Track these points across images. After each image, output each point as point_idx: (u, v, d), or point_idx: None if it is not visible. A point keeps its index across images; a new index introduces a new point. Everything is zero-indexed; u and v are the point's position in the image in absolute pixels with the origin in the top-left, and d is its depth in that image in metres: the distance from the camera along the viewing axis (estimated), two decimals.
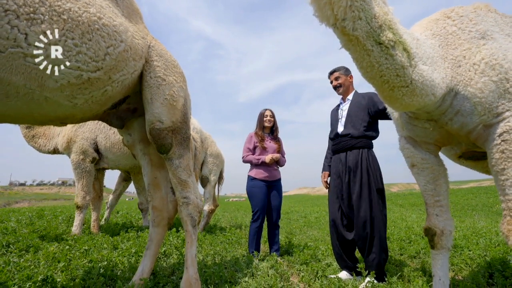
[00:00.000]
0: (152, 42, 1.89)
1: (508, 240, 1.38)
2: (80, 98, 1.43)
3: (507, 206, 1.39)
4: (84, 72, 1.36)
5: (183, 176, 1.87)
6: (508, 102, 1.38)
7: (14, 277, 1.93)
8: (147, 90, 1.77)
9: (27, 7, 1.15)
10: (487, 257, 2.89)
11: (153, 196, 2.02)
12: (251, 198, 3.31)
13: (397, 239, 4.05)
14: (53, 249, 2.71)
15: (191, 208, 1.89)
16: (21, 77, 1.20)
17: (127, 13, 1.73)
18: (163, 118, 1.77)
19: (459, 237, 4.09)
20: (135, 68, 1.69)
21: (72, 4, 1.29)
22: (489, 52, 1.42)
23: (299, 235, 4.98)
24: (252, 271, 2.39)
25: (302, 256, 2.95)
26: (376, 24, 1.16)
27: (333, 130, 2.76)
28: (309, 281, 2.30)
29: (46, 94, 1.30)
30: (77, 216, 3.74)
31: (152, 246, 1.98)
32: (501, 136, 1.37)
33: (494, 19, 1.63)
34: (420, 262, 2.96)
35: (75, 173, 3.75)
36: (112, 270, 2.21)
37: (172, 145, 1.80)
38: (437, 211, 1.71)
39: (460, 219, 7.80)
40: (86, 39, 1.33)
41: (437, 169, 1.72)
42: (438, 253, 1.70)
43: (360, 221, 2.37)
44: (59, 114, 1.48)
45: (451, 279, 2.42)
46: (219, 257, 2.97)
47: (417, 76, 1.28)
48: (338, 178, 2.61)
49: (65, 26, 1.25)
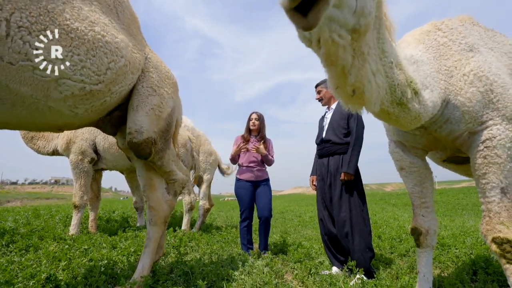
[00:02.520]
0: (149, 54, 1.99)
1: (486, 239, 1.49)
2: (81, 108, 1.52)
3: (487, 207, 1.50)
4: (87, 85, 1.44)
5: (167, 169, 2.10)
6: (491, 112, 1.49)
7: (18, 275, 2.00)
8: (135, 97, 1.86)
9: (39, 25, 1.23)
10: (472, 255, 3.03)
11: (149, 196, 2.11)
12: (238, 199, 3.45)
13: (388, 237, 4.17)
14: (53, 249, 2.77)
15: (177, 185, 2.22)
16: (29, 88, 1.28)
17: (127, 25, 1.81)
18: (144, 128, 1.84)
19: (448, 236, 4.23)
20: (132, 80, 1.79)
21: (79, 24, 1.38)
22: (477, 64, 1.51)
23: (294, 234, 5.08)
24: (248, 269, 2.49)
25: (296, 255, 3.05)
26: (399, 92, 1.25)
27: (319, 136, 3.00)
28: (302, 278, 2.40)
29: (50, 104, 1.38)
30: (75, 216, 3.79)
31: (150, 244, 2.07)
32: (484, 143, 1.48)
33: (479, 33, 1.75)
34: (410, 260, 3.08)
35: (73, 173, 3.80)
36: (112, 268, 2.29)
37: (151, 153, 1.92)
38: (423, 212, 1.82)
39: (450, 218, 8.00)
40: (90, 55, 1.42)
41: (424, 173, 1.83)
42: (423, 251, 1.81)
43: (341, 220, 2.58)
44: (59, 123, 1.56)
45: (437, 276, 2.56)
46: (216, 255, 3.05)
47: (423, 108, 1.37)
48: (322, 181, 2.85)
49: (72, 43, 1.34)
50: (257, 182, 3.48)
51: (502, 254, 1.41)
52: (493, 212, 1.45)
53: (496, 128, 1.44)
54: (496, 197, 1.45)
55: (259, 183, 3.49)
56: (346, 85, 1.01)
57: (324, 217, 2.78)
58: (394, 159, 1.93)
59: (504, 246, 1.40)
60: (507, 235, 1.40)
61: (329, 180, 2.75)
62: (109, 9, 1.66)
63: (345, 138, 2.75)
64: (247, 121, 3.65)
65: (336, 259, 2.69)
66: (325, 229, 2.77)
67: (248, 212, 3.40)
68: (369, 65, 1.03)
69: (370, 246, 2.51)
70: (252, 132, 3.64)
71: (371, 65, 1.04)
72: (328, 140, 2.82)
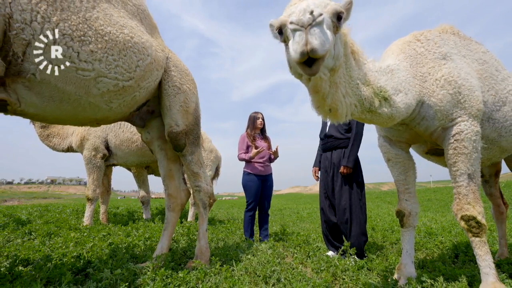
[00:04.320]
0: (169, 54, 2.24)
1: (457, 217, 1.78)
2: (115, 102, 1.77)
3: (457, 191, 1.79)
4: (120, 81, 1.70)
5: (195, 169, 2.26)
6: (459, 110, 1.78)
7: (51, 254, 2.26)
8: (166, 98, 2.14)
9: (79, 31, 1.47)
10: (455, 242, 3.33)
11: (169, 185, 2.37)
12: (246, 190, 3.76)
13: (381, 229, 4.48)
14: (74, 235, 3.02)
15: (202, 194, 2.31)
16: (73, 86, 1.52)
17: (149, 30, 2.07)
18: (179, 122, 2.15)
19: (437, 228, 4.54)
20: (157, 77, 2.05)
21: (111, 28, 1.63)
22: (448, 71, 1.80)
23: (292, 227, 5.37)
24: (252, 251, 2.76)
25: (295, 241, 3.33)
26: (367, 103, 1.56)
27: (322, 131, 3.28)
28: (302, 260, 2.68)
29: (90, 99, 1.63)
30: (88, 208, 4.04)
31: (169, 227, 2.34)
32: (454, 137, 1.77)
33: (455, 42, 2.03)
34: (399, 246, 3.37)
35: (87, 168, 4.05)
36: (133, 250, 2.55)
37: (185, 144, 2.19)
38: (407, 196, 2.11)
39: (442, 214, 8.34)
40: (122, 55, 1.67)
41: (407, 163, 2.12)
42: (406, 231, 2.10)
43: (341, 209, 2.88)
44: (97, 116, 1.82)
45: (423, 258, 2.84)
46: (222, 242, 3.33)
47: (395, 110, 1.65)
48: (325, 173, 3.13)
49: (107, 45, 1.59)
50: (265, 176, 3.83)
51: (469, 229, 1.70)
52: (462, 195, 1.74)
53: (463, 124, 1.73)
54: (464, 182, 1.74)
55: (265, 177, 3.84)
56: (324, 106, 1.39)
57: (325, 206, 3.07)
58: (382, 151, 2.22)
59: (470, 222, 1.69)
60: (473, 213, 1.69)
61: (332, 172, 3.04)
62: (134, 15, 1.92)
63: (346, 133, 3.04)
64: (252, 120, 3.94)
65: (331, 244, 3.00)
66: (325, 217, 3.06)
67: (255, 203, 3.74)
68: (340, 90, 1.41)
69: (365, 232, 2.83)
70: (256, 130, 3.94)
71: (341, 90, 1.42)
72: (331, 136, 3.10)
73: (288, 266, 2.36)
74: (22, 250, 2.38)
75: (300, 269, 2.28)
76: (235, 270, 2.14)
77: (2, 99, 1.35)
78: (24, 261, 2.14)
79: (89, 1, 1.54)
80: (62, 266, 1.98)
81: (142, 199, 5.34)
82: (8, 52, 1.28)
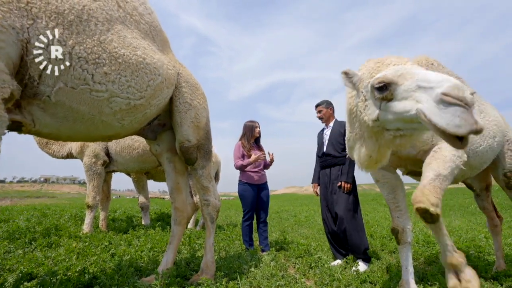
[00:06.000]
0: (180, 69, 2.25)
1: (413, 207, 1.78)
2: (127, 119, 1.79)
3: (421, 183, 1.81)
4: (132, 100, 1.71)
5: (205, 183, 2.27)
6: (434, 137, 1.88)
7: (54, 269, 2.25)
8: (177, 114, 2.16)
9: (94, 54, 1.49)
10: None
11: (176, 198, 2.38)
12: (243, 200, 3.77)
13: (380, 236, 4.52)
14: (75, 245, 3.01)
15: (211, 209, 2.34)
16: (87, 107, 1.54)
17: (161, 46, 2.08)
18: (190, 138, 2.19)
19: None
20: (168, 94, 2.06)
21: (125, 50, 1.64)
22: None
23: (291, 233, 5.40)
24: (255, 263, 2.79)
25: (297, 251, 3.37)
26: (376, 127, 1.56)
27: (320, 149, 3.51)
28: (304, 271, 2.71)
29: (103, 118, 1.65)
30: (88, 215, 4.02)
31: (174, 241, 2.34)
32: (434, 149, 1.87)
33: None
34: (399, 256, 3.42)
35: (87, 175, 4.03)
36: (136, 262, 2.56)
37: (197, 158, 2.20)
38: (398, 214, 2.16)
39: None
40: (134, 76, 1.69)
41: (394, 183, 2.20)
42: (402, 247, 2.15)
43: (339, 220, 3.15)
44: (110, 133, 1.83)
45: (422, 269, 2.89)
46: (224, 252, 3.34)
47: None
48: (325, 188, 3.40)
49: (120, 67, 1.60)
50: (260, 185, 3.83)
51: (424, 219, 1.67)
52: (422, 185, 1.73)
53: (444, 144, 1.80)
54: (431, 175, 1.74)
55: (261, 186, 3.84)
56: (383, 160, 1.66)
57: (328, 218, 3.33)
58: (370, 173, 2.27)
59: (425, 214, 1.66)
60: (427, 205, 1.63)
61: (331, 187, 3.32)
62: (146, 34, 1.92)
63: (342, 152, 3.26)
64: (250, 129, 3.92)
65: (338, 252, 3.21)
66: (328, 228, 3.31)
67: (252, 212, 3.76)
68: None
69: (364, 240, 3.06)
70: (252, 139, 3.94)
71: None
72: (329, 154, 3.36)
73: (291, 279, 2.38)
74: (24, 262, 2.37)
75: (303, 282, 2.31)
76: (239, 285, 2.16)
77: (18, 121, 1.36)
78: (27, 275, 2.13)
79: (103, 24, 1.54)
80: (68, 282, 1.98)
81: (141, 205, 5.32)
82: (24, 76, 1.29)
